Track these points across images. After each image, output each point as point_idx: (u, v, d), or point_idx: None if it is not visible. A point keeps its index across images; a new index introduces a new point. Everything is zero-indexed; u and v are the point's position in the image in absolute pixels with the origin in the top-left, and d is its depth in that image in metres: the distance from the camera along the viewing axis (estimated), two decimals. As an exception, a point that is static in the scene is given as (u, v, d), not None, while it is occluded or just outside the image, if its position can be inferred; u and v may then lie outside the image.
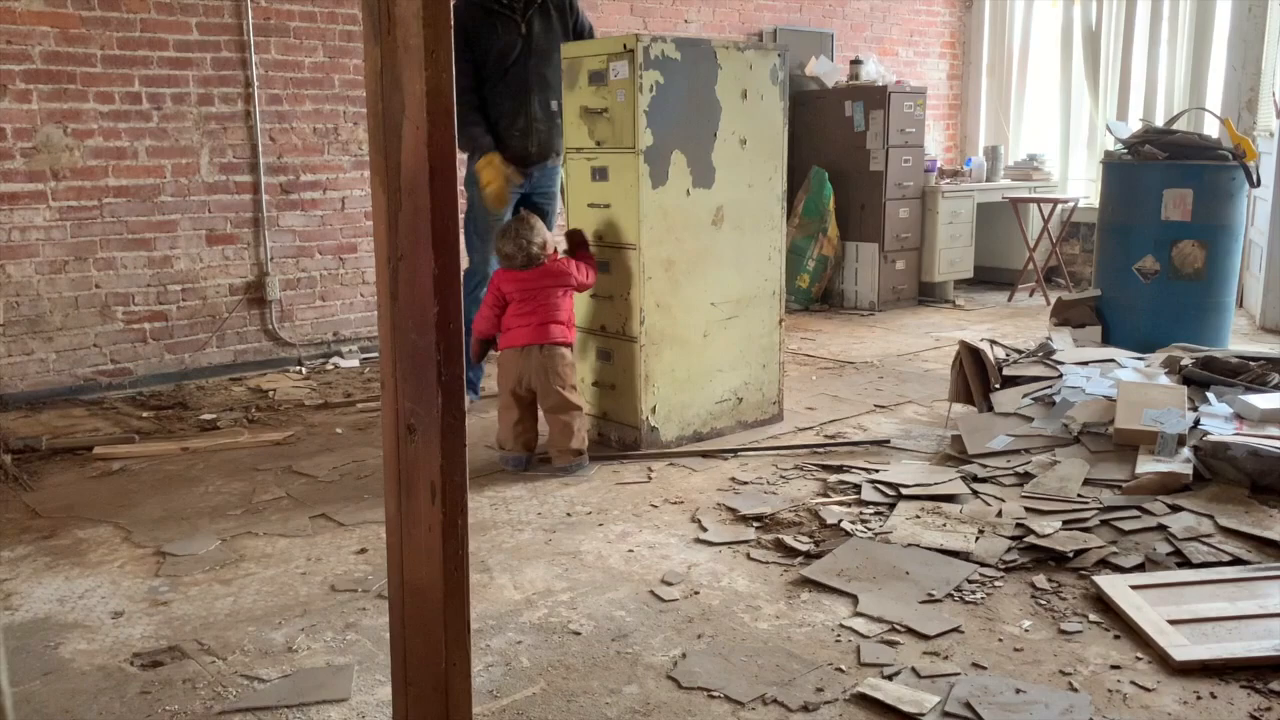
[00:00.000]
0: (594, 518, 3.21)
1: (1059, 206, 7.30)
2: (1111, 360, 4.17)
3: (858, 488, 3.36)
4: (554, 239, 3.86)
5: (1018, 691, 2.13)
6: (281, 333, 5.27)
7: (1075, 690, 2.16)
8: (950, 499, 3.21)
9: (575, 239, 3.83)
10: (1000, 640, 2.38)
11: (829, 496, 3.32)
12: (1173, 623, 2.38)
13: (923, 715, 2.06)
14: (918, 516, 3.08)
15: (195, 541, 3.03)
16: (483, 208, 4.24)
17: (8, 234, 4.48)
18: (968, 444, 3.64)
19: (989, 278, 7.82)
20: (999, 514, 3.06)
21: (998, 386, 4.05)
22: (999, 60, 8.36)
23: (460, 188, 4.46)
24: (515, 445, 3.67)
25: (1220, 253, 4.87)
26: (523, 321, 3.63)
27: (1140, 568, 2.71)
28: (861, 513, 3.15)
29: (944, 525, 3.01)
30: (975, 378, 4.05)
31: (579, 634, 2.44)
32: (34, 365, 4.60)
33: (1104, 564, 2.74)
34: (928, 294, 7.24)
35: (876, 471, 3.48)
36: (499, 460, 3.72)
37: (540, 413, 3.70)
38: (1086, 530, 2.92)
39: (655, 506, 3.30)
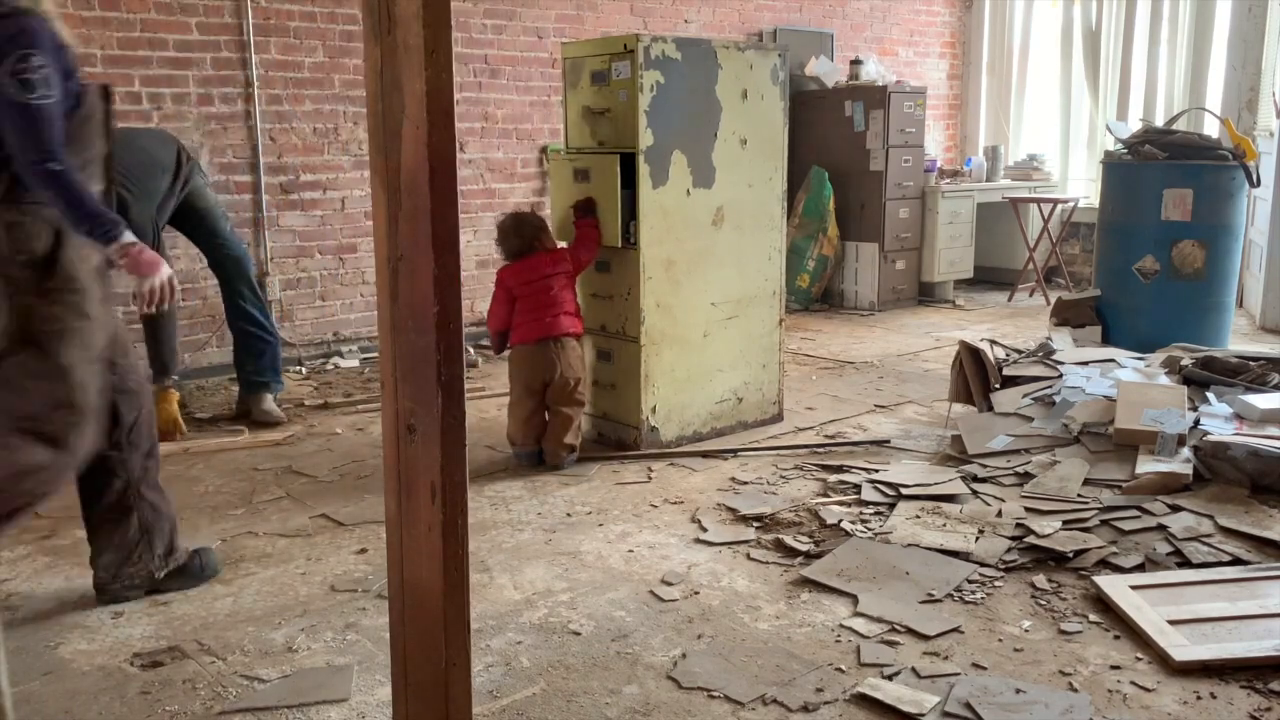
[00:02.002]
0: (594, 518, 3.21)
1: (1059, 206, 7.30)
2: (1111, 360, 4.17)
3: (858, 488, 3.36)
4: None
5: (1018, 691, 2.13)
6: (281, 333, 5.26)
7: (1075, 690, 2.16)
8: (950, 499, 3.21)
9: (582, 207, 3.81)
10: (1000, 640, 2.38)
11: (829, 496, 3.32)
12: (1173, 623, 2.38)
13: (923, 715, 2.06)
14: (918, 516, 3.08)
15: (195, 541, 3.02)
16: None
17: (8, 234, 4.48)
18: (968, 444, 3.64)
19: (989, 278, 7.82)
20: (999, 514, 3.06)
21: (998, 386, 4.05)
22: (999, 60, 8.37)
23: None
24: (528, 440, 3.69)
25: (1220, 253, 4.87)
26: (532, 317, 3.66)
27: (1140, 568, 2.71)
28: (861, 513, 3.15)
29: (944, 525, 3.01)
30: (975, 378, 4.05)
31: (579, 634, 2.44)
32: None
33: (1104, 564, 2.74)
34: (928, 294, 7.24)
35: (876, 471, 3.48)
36: (512, 456, 3.74)
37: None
38: (1086, 530, 2.92)
39: (655, 506, 3.30)
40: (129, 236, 2.35)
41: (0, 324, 2.23)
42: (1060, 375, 4.03)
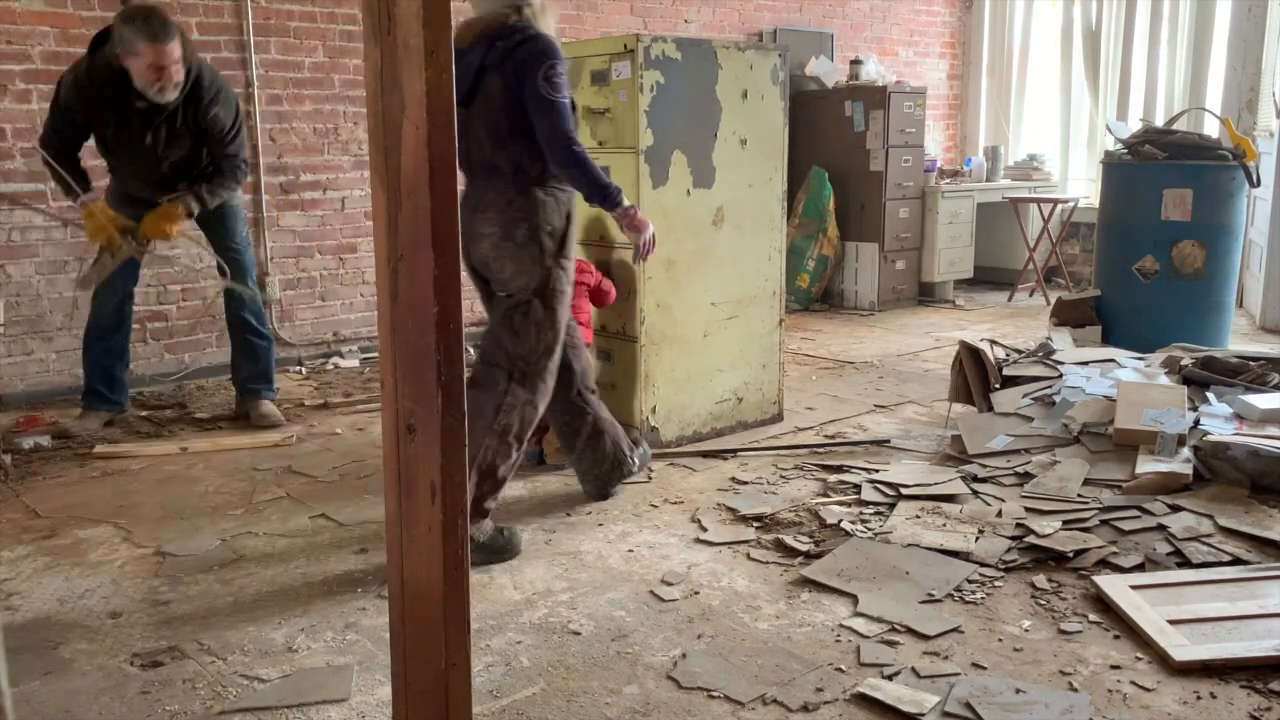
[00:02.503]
0: (594, 518, 3.21)
1: (1059, 206, 7.30)
2: (1111, 360, 4.17)
3: (858, 488, 3.36)
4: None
5: (1018, 691, 2.13)
6: (281, 333, 5.26)
7: (1075, 690, 2.16)
8: (950, 499, 3.21)
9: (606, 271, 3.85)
10: (1000, 640, 2.38)
11: (829, 496, 3.32)
12: (1173, 623, 2.38)
13: (923, 715, 2.06)
14: (918, 516, 3.08)
15: (195, 541, 3.03)
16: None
17: (8, 234, 4.48)
18: (968, 444, 3.64)
19: (989, 278, 7.82)
20: (999, 514, 3.06)
21: (998, 386, 4.05)
22: (999, 60, 8.37)
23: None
24: (530, 441, 3.68)
25: (1220, 253, 4.87)
26: None
27: (1140, 568, 2.71)
28: (861, 513, 3.15)
29: (944, 525, 3.01)
30: (975, 378, 4.05)
31: (579, 634, 2.44)
32: (34, 365, 4.59)
33: (1104, 564, 2.74)
34: (928, 294, 7.24)
35: (876, 471, 3.48)
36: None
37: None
38: (1086, 530, 2.92)
39: (655, 506, 3.30)
40: (627, 201, 3.00)
41: (526, 280, 2.86)
42: (1060, 375, 4.03)
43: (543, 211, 2.86)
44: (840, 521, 3.07)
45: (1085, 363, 4.18)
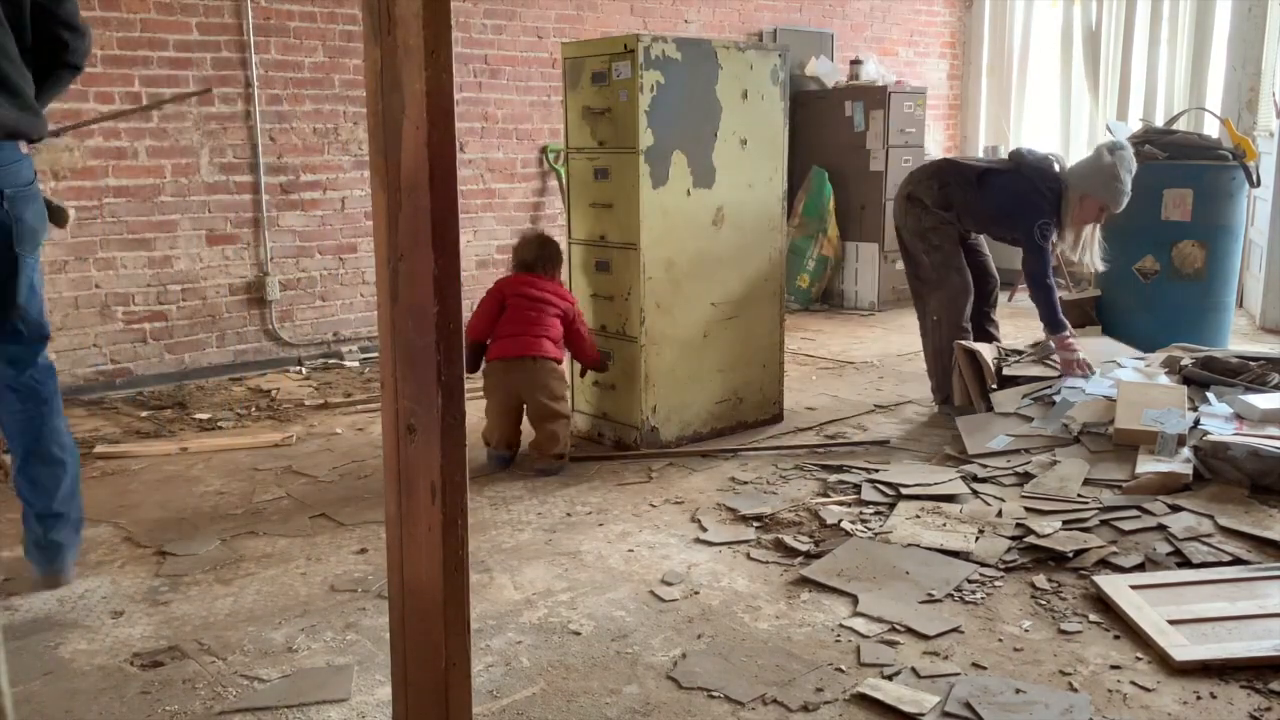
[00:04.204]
0: (594, 518, 3.21)
1: (1059, 206, 7.28)
2: (1111, 360, 4.17)
3: (858, 488, 3.36)
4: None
5: (1018, 691, 2.13)
6: (281, 333, 5.27)
7: (1075, 690, 2.16)
8: (950, 499, 3.21)
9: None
10: (1000, 640, 2.38)
11: (829, 496, 3.32)
12: (1173, 623, 2.38)
13: (923, 715, 2.06)
14: (918, 516, 3.08)
15: (195, 541, 3.03)
16: None
17: (8, 234, 4.48)
18: (968, 444, 3.64)
19: (989, 278, 7.80)
20: (999, 514, 3.06)
21: (994, 386, 4.05)
22: (999, 60, 8.36)
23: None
24: (500, 444, 3.70)
25: (1220, 253, 4.87)
26: (513, 331, 3.64)
27: (1140, 568, 2.71)
28: (861, 513, 3.15)
29: (944, 525, 3.01)
30: (971, 378, 4.05)
31: (579, 634, 2.44)
32: (34, 365, 4.59)
33: (1104, 564, 2.74)
34: (928, 294, 7.23)
35: (876, 471, 3.48)
36: (486, 456, 3.73)
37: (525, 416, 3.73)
38: (1086, 530, 2.92)
39: (655, 506, 3.30)
40: (1068, 330, 4.10)
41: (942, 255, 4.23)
42: (1060, 375, 4.03)
43: (923, 213, 4.28)
44: (840, 521, 3.07)
45: (1085, 363, 4.18)
